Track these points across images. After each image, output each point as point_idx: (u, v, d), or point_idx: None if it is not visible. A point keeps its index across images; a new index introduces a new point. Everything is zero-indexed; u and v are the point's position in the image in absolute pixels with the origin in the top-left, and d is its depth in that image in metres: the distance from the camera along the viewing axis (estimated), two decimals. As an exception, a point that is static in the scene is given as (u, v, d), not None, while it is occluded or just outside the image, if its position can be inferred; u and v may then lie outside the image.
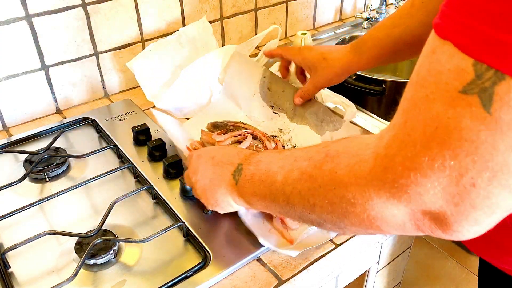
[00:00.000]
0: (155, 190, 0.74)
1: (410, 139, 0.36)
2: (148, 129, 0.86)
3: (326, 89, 0.99)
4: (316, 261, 0.65)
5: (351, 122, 0.92)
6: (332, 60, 0.77)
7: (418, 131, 0.35)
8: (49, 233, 0.64)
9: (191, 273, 0.62)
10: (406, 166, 0.36)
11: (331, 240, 0.68)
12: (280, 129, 0.90)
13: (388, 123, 0.90)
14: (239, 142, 0.83)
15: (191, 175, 0.64)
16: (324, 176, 0.43)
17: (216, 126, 0.87)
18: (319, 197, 0.44)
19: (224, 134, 0.83)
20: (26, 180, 0.78)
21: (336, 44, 1.09)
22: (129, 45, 1.01)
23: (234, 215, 0.70)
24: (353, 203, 0.41)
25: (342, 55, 0.78)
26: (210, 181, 0.61)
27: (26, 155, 0.82)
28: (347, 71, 0.78)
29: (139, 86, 1.00)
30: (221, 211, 0.63)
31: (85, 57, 0.96)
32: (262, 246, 0.65)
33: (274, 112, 0.90)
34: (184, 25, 1.07)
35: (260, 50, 1.08)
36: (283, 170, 0.50)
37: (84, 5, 0.91)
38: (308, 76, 0.88)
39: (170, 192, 0.75)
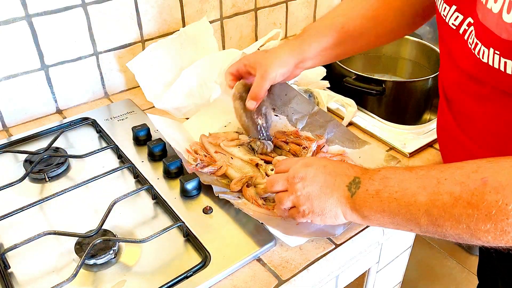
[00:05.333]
0: (155, 190, 0.74)
1: None
2: (148, 129, 0.86)
3: (327, 89, 0.99)
4: (316, 261, 0.65)
5: (350, 122, 0.92)
6: (274, 50, 0.77)
7: None
8: (49, 233, 0.64)
9: (191, 273, 0.62)
10: None
11: (331, 240, 0.68)
12: None
13: (388, 123, 0.91)
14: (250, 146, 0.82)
15: (296, 181, 0.61)
16: (491, 206, 0.46)
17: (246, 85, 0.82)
18: (484, 224, 0.46)
19: (239, 146, 0.82)
20: (26, 180, 0.78)
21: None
22: (129, 45, 1.01)
23: (233, 216, 0.70)
24: None
25: (283, 44, 0.79)
26: (320, 189, 0.59)
27: (26, 155, 0.82)
28: (292, 57, 0.77)
29: (139, 86, 1.00)
30: (321, 222, 0.62)
31: (85, 57, 0.96)
32: (262, 246, 0.65)
33: (275, 115, 0.90)
34: (184, 25, 1.07)
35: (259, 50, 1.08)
36: (425, 191, 0.50)
37: (84, 5, 0.91)
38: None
39: (170, 192, 0.75)
